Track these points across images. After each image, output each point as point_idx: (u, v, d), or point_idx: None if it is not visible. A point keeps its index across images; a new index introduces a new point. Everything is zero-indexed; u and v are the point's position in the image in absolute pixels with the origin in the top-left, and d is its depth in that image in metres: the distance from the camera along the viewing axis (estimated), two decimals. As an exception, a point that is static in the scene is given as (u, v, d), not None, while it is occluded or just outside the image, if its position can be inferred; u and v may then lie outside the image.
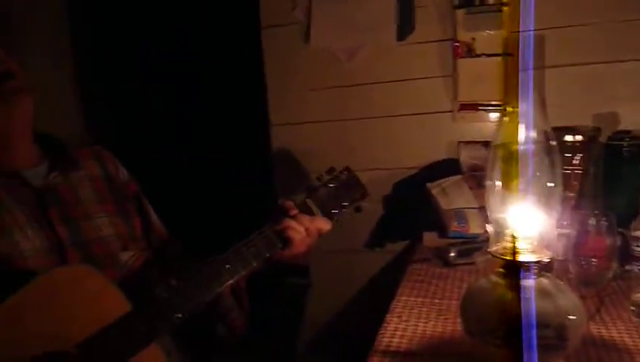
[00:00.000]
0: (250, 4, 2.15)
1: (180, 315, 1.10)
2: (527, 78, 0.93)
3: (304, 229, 1.24)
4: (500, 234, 0.97)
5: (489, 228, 0.98)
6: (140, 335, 1.06)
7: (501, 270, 0.94)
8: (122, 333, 1.05)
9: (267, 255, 1.22)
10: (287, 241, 1.24)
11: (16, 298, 1.00)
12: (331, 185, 1.35)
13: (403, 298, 1.40)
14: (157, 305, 1.10)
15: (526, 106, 0.94)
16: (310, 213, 1.30)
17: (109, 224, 1.26)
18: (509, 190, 0.93)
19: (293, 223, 1.24)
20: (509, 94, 0.98)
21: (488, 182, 0.96)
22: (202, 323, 1.28)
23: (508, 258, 0.91)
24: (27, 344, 0.99)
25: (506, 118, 0.97)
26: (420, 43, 2.00)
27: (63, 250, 1.15)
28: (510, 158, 0.94)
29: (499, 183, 0.95)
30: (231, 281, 1.17)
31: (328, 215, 1.32)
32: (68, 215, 1.20)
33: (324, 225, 1.28)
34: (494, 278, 0.94)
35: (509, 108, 0.95)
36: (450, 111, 2.01)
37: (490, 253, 0.96)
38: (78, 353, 1.02)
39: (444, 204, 1.81)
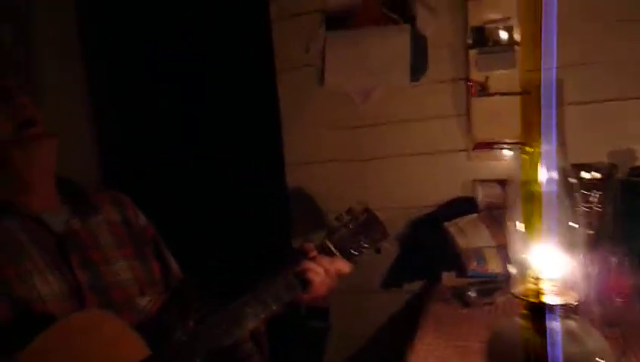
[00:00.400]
0: (265, 47, 2.19)
1: (199, 360, 1.08)
2: (548, 117, 0.93)
3: (323, 271, 1.23)
4: (522, 275, 0.96)
5: (511, 268, 0.97)
6: None
7: (526, 312, 0.93)
8: None
9: (287, 298, 1.21)
10: (306, 283, 1.23)
11: (36, 343, 0.99)
12: (351, 226, 1.34)
13: (424, 339, 1.38)
14: (176, 349, 1.08)
15: (547, 145, 0.94)
16: (330, 254, 1.29)
17: (127, 268, 1.25)
18: (531, 230, 0.92)
19: (312, 265, 1.22)
20: (528, 133, 0.98)
21: (509, 222, 0.95)
22: None
23: (532, 300, 0.90)
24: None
25: (525, 157, 0.97)
26: (434, 83, 2.02)
27: (82, 295, 1.14)
28: (531, 198, 0.93)
29: (520, 223, 0.94)
30: (251, 325, 1.15)
31: (348, 256, 1.30)
32: (87, 259, 1.19)
33: (343, 266, 1.27)
34: (519, 320, 0.92)
35: (529, 148, 0.95)
36: (464, 150, 2.02)
37: (512, 294, 0.95)
38: None
39: (462, 242, 1.80)
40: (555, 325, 0.89)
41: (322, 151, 2.16)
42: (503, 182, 1.96)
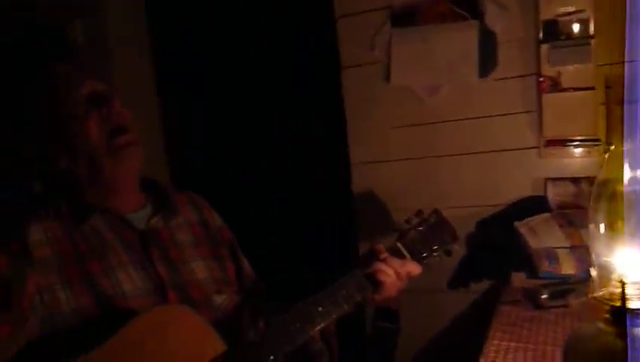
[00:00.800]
0: (329, 45, 2.19)
1: (272, 357, 1.10)
2: (632, 112, 0.89)
3: (394, 273, 1.22)
4: (604, 278, 0.92)
5: (592, 271, 0.93)
6: None
7: (607, 316, 0.89)
8: None
9: (358, 298, 1.21)
10: (377, 285, 1.23)
11: (119, 335, 1.03)
12: (421, 228, 1.34)
13: (495, 341, 1.35)
14: (251, 346, 1.10)
15: (630, 142, 0.90)
16: (400, 256, 1.28)
17: (204, 268, 1.29)
18: (616, 232, 0.89)
19: (383, 266, 1.22)
20: (610, 130, 0.95)
21: (591, 224, 0.92)
22: None
23: (616, 304, 0.87)
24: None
25: (606, 155, 0.93)
26: (503, 79, 1.97)
27: (164, 291, 1.19)
28: (615, 198, 0.90)
29: (603, 225, 0.91)
30: (323, 324, 1.16)
31: (418, 258, 1.30)
32: (167, 257, 1.24)
33: (414, 269, 1.26)
34: (600, 325, 0.89)
35: (611, 146, 0.92)
36: (535, 148, 1.96)
37: (594, 297, 0.92)
38: None
39: (533, 243, 1.75)
40: (639, 331, 0.85)
41: (388, 150, 2.14)
42: (576, 181, 1.89)
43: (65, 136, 1.18)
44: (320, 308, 1.16)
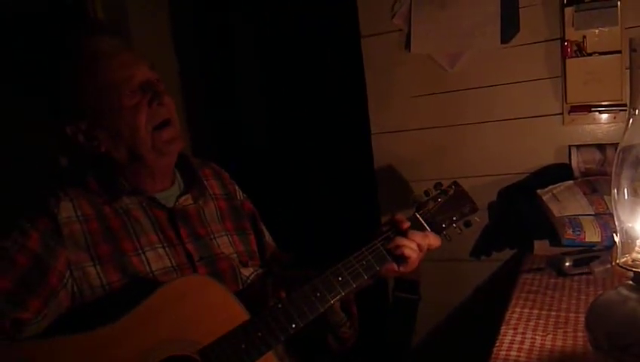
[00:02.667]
0: (349, 13, 2.16)
1: (294, 325, 1.12)
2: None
3: (417, 245, 1.23)
4: (628, 244, 0.91)
5: (615, 238, 0.92)
6: (259, 343, 1.09)
7: (631, 283, 0.89)
8: (242, 340, 1.09)
9: (377, 268, 1.22)
10: (402, 259, 1.24)
11: (143, 304, 1.06)
12: (440, 200, 1.34)
13: (517, 309, 1.35)
14: (273, 315, 1.12)
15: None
16: (420, 227, 1.29)
17: (229, 242, 1.32)
18: (639, 197, 0.88)
19: (406, 241, 1.23)
20: (635, 94, 0.93)
21: (614, 190, 0.91)
22: (314, 335, 1.31)
23: (639, 270, 0.86)
24: (154, 346, 1.05)
25: (631, 120, 0.91)
26: (526, 44, 1.93)
27: (194, 267, 1.22)
28: (639, 163, 0.88)
29: (626, 190, 0.89)
30: (343, 294, 1.18)
31: (438, 230, 1.30)
32: (195, 233, 1.27)
33: (434, 241, 1.27)
34: (624, 291, 0.89)
35: (636, 111, 0.90)
36: (559, 114, 1.92)
37: (618, 264, 0.91)
38: (200, 358, 1.07)
39: (556, 210, 1.73)
40: (663, 296, 0.85)
41: (409, 119, 2.12)
42: (602, 147, 1.86)
43: (111, 122, 1.18)
44: (340, 278, 1.18)
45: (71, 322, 1.11)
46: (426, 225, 1.30)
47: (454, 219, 1.34)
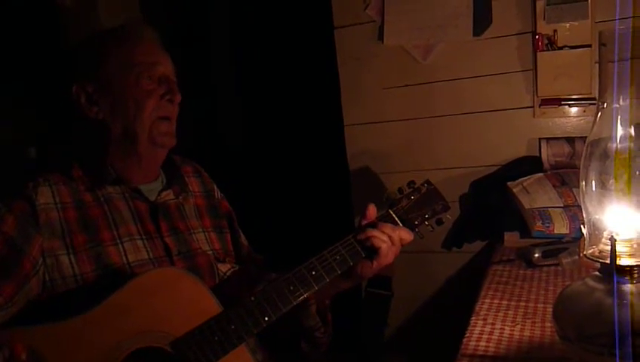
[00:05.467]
0: (322, 4, 2.15)
1: (267, 318, 1.12)
2: (623, 70, 0.88)
3: (388, 238, 1.23)
4: (595, 236, 0.92)
5: (583, 229, 0.93)
6: (232, 336, 1.09)
7: (598, 274, 0.90)
8: (215, 333, 1.08)
9: (351, 263, 1.22)
10: (373, 251, 1.24)
11: (111, 299, 1.05)
12: (413, 197, 1.35)
13: (487, 300, 1.36)
14: (247, 308, 1.12)
15: (623, 100, 0.89)
16: (394, 223, 1.29)
17: (205, 239, 1.33)
18: (606, 190, 0.89)
19: (376, 232, 1.23)
20: (603, 88, 0.93)
21: (582, 182, 0.92)
22: (287, 338, 1.32)
23: (606, 261, 0.87)
24: (125, 338, 1.04)
25: (600, 113, 0.92)
26: (498, 37, 1.94)
27: (171, 261, 1.22)
28: (606, 156, 0.89)
29: (594, 183, 0.90)
30: (316, 288, 1.18)
31: (411, 226, 1.31)
32: (174, 228, 1.27)
33: (406, 235, 1.27)
34: (591, 282, 0.90)
35: (604, 104, 0.91)
36: (530, 107, 1.94)
37: (585, 255, 0.92)
38: (172, 350, 1.06)
39: (526, 203, 1.75)
40: (628, 287, 0.86)
41: (382, 111, 2.12)
42: (571, 140, 1.88)
43: (121, 95, 1.21)
44: (314, 272, 1.18)
45: (39, 311, 1.09)
46: (399, 221, 1.30)
47: (427, 216, 1.35)
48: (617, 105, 0.89)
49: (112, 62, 1.22)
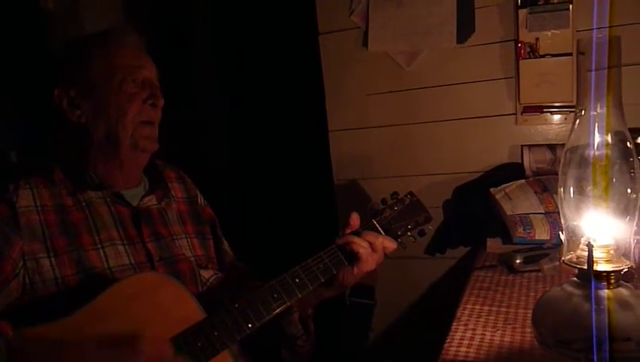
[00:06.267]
0: (307, 10, 2.16)
1: (250, 324, 1.12)
2: (601, 78, 0.89)
3: (368, 244, 1.23)
4: (573, 241, 0.93)
5: (561, 235, 0.94)
6: (215, 342, 1.08)
7: (576, 279, 0.91)
8: (198, 339, 1.07)
9: (334, 271, 1.23)
10: (353, 257, 1.24)
11: (92, 304, 1.03)
12: (396, 208, 1.36)
13: (468, 306, 1.36)
14: (230, 314, 1.11)
15: (600, 107, 0.90)
16: (376, 232, 1.30)
17: (187, 245, 1.32)
18: (584, 196, 0.90)
19: (356, 239, 1.24)
20: (581, 95, 0.95)
21: (561, 188, 0.93)
22: (269, 346, 1.31)
23: (583, 267, 0.88)
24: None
25: (578, 121, 0.93)
26: (481, 45, 1.96)
27: (153, 266, 1.21)
28: (584, 163, 0.90)
29: (572, 189, 0.91)
30: (299, 295, 1.18)
31: (394, 236, 1.32)
32: (157, 233, 1.26)
33: (389, 243, 1.27)
34: (569, 288, 0.90)
35: (582, 111, 0.92)
36: (512, 114, 1.96)
37: (563, 261, 0.93)
38: None
39: (508, 209, 1.76)
40: (605, 293, 0.87)
41: (366, 117, 2.13)
42: (553, 147, 1.90)
43: (103, 99, 1.20)
44: (297, 280, 1.18)
45: (19, 315, 1.06)
46: (382, 231, 1.31)
47: (409, 227, 1.36)
48: (595, 113, 0.90)
49: (95, 65, 1.22)
